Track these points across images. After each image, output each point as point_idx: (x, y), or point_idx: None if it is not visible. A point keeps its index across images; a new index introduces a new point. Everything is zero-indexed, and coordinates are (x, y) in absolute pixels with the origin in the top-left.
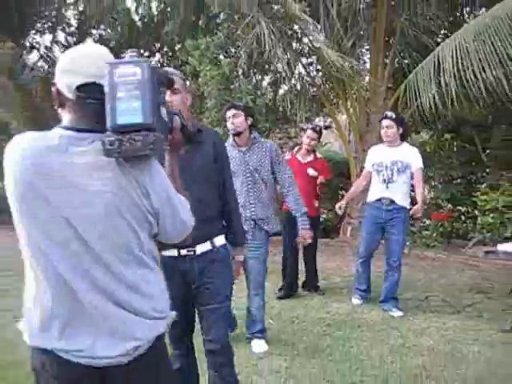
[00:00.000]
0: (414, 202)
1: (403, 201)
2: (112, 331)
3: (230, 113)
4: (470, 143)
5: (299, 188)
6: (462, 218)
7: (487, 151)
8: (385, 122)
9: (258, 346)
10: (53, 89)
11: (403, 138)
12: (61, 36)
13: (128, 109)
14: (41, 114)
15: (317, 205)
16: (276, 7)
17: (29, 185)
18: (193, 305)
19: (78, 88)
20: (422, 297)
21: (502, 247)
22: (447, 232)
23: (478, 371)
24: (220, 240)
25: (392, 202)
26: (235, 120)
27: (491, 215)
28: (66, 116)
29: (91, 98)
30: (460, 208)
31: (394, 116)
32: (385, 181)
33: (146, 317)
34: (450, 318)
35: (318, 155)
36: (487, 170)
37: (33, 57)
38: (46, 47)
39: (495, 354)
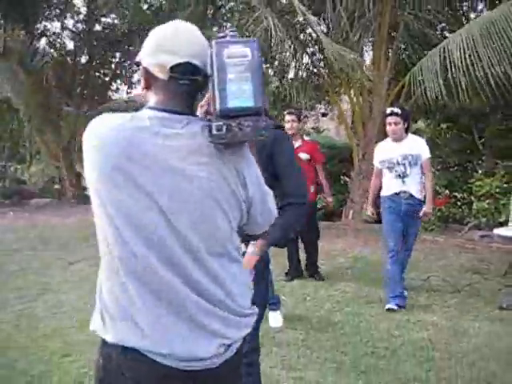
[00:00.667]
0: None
1: (419, 193)
2: (201, 329)
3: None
4: (467, 132)
5: None
6: (459, 203)
7: (483, 140)
8: (391, 119)
9: (274, 318)
10: (140, 68)
11: (407, 130)
12: (70, 23)
13: (238, 92)
14: (50, 99)
15: (313, 190)
16: (283, 1)
17: (117, 167)
18: None
19: (172, 68)
20: (424, 277)
21: (498, 231)
22: (444, 216)
23: (478, 344)
24: None
25: (411, 195)
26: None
27: (486, 201)
28: (153, 97)
29: (184, 78)
30: (456, 194)
31: (399, 112)
32: (400, 176)
33: (234, 314)
34: (450, 296)
35: (306, 138)
36: (483, 158)
37: (42, 43)
38: (54, 33)
39: (494, 329)
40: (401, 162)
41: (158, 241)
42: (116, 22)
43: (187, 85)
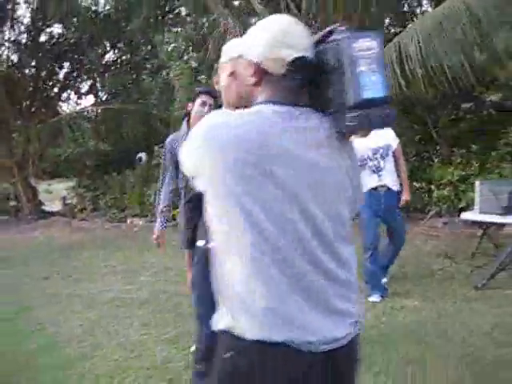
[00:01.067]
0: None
1: (396, 184)
2: (336, 311)
3: (204, 98)
4: (419, 123)
5: None
6: (418, 192)
7: (437, 130)
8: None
9: None
10: (248, 66)
11: None
12: (11, 35)
13: (370, 83)
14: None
15: None
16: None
17: (252, 163)
18: None
19: (290, 62)
20: (397, 264)
21: (465, 215)
22: (406, 206)
23: (464, 322)
24: None
25: (388, 189)
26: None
27: (446, 189)
28: (265, 93)
29: (299, 72)
30: (416, 183)
31: None
32: (374, 171)
33: (356, 292)
34: (426, 281)
35: None
36: (437, 148)
37: None
38: None
39: (474, 308)
40: (372, 156)
41: (297, 234)
42: (63, 31)
43: (300, 78)
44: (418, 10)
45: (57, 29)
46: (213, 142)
